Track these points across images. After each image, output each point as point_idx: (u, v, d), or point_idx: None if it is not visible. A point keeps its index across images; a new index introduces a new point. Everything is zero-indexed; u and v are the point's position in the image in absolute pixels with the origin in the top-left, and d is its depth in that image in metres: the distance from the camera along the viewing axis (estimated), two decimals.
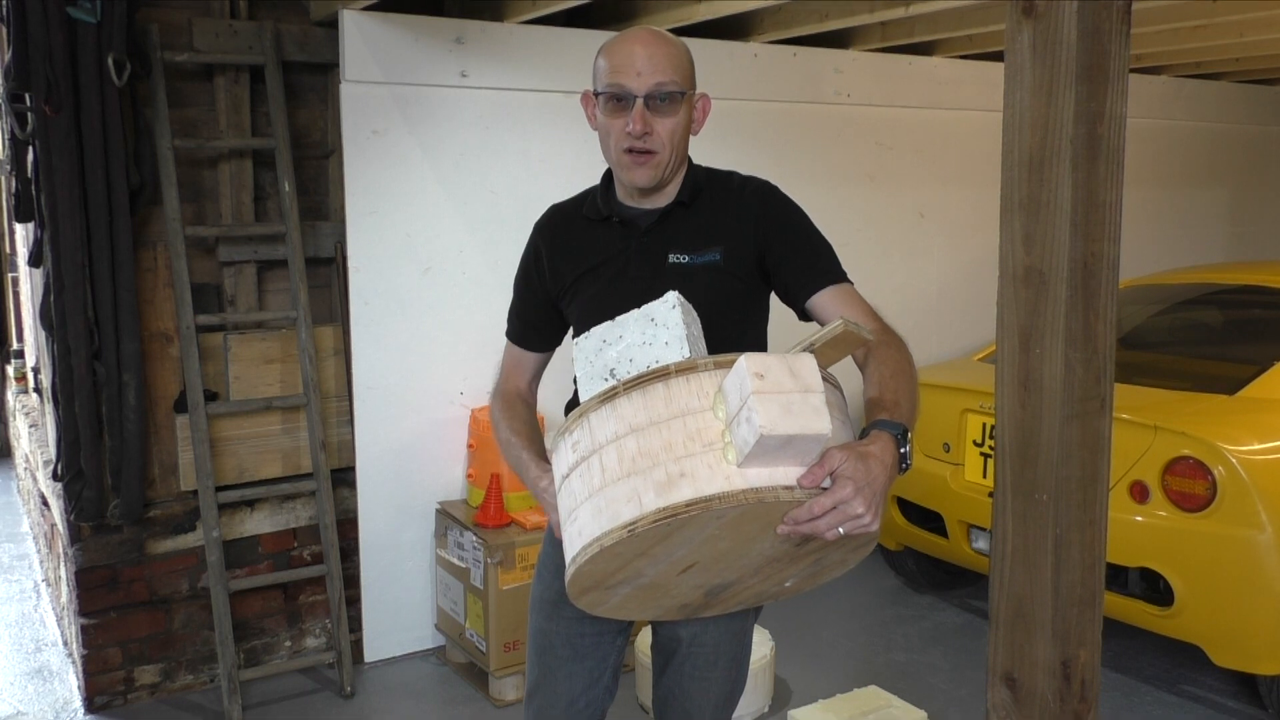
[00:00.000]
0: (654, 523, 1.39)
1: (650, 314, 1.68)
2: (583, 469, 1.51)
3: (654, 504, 1.40)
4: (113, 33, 3.19)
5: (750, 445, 1.37)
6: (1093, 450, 1.35)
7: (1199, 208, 6.39)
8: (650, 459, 1.44)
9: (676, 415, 1.46)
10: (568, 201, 2.08)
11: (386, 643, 3.89)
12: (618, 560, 1.47)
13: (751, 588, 1.65)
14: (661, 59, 1.83)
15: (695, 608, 1.69)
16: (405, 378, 3.81)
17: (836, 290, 1.87)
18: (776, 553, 1.53)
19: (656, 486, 1.41)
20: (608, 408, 1.50)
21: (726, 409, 1.43)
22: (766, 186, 1.98)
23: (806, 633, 4.11)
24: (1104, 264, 1.32)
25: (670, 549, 1.47)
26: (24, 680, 3.79)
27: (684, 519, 1.39)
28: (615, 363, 1.68)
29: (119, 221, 3.31)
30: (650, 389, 1.49)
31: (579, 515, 1.50)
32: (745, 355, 1.42)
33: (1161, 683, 3.70)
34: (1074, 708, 1.38)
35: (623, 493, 1.44)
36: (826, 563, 1.61)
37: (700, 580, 1.58)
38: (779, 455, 1.40)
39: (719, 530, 1.44)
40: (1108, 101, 1.29)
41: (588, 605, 1.63)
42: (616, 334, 1.70)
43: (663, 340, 1.66)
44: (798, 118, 4.58)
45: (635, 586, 1.56)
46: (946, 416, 3.96)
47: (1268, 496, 3.11)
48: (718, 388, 1.46)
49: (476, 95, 3.83)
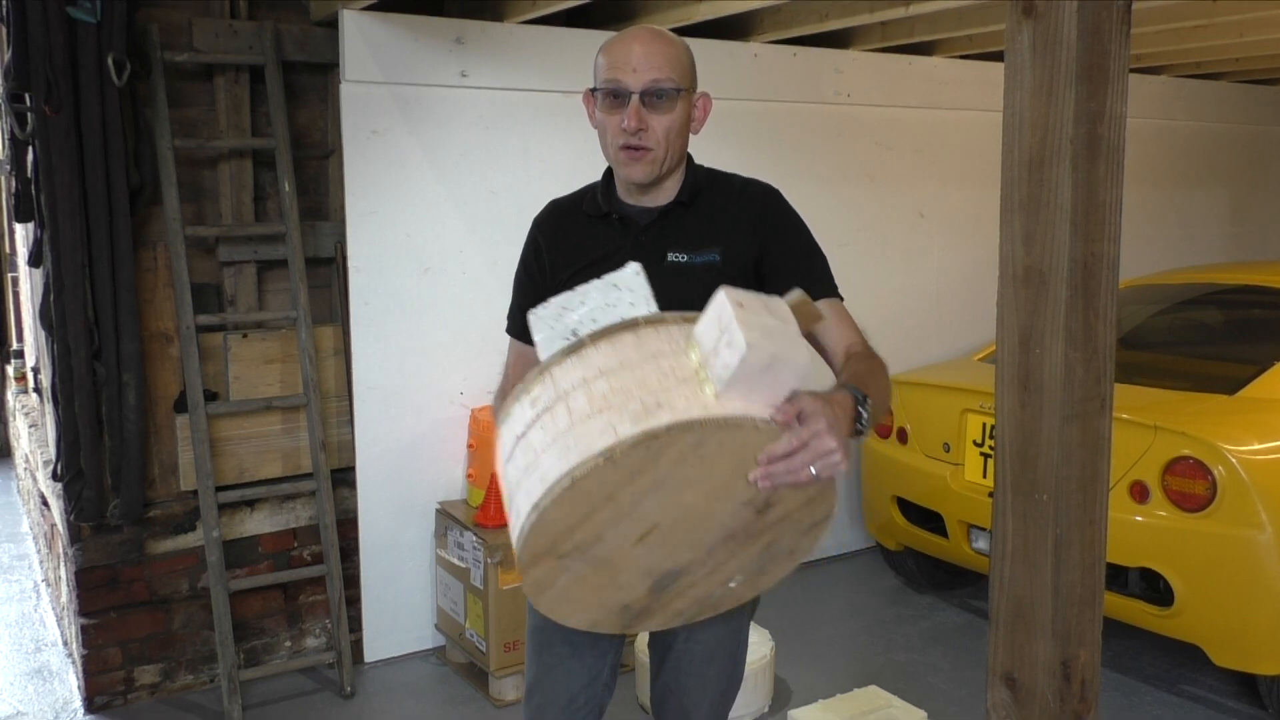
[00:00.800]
0: (633, 445, 1.35)
1: (613, 281, 1.67)
2: (544, 419, 1.46)
3: (631, 430, 1.36)
4: (113, 33, 3.19)
5: (734, 367, 1.38)
6: (1093, 450, 1.35)
7: (1199, 208, 6.39)
8: (624, 395, 1.41)
9: (648, 358, 1.46)
10: (567, 197, 2.08)
11: (386, 643, 3.89)
12: (584, 506, 1.41)
13: (697, 584, 1.59)
14: (658, 56, 1.83)
15: (636, 612, 1.62)
16: (405, 378, 3.81)
17: (827, 304, 1.88)
18: (734, 524, 1.50)
19: (633, 416, 1.38)
20: (573, 359, 1.47)
21: (701, 349, 1.45)
22: (770, 191, 1.98)
23: (806, 633, 4.11)
24: (1104, 264, 1.32)
25: (639, 494, 1.42)
26: (24, 680, 3.79)
27: (664, 443, 1.36)
28: (578, 324, 1.64)
29: (119, 221, 3.31)
30: (619, 338, 1.48)
31: (540, 464, 1.43)
32: (724, 287, 1.46)
33: (1161, 683, 3.70)
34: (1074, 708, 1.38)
35: (595, 427, 1.39)
36: (776, 551, 1.59)
37: (652, 560, 1.52)
38: (757, 384, 1.41)
39: (692, 471, 1.41)
40: (1108, 101, 1.29)
41: (534, 585, 1.53)
42: (578, 300, 1.67)
43: (627, 302, 1.65)
44: (798, 118, 4.58)
45: (586, 561, 1.50)
46: (946, 416, 3.96)
47: (1268, 496, 3.11)
48: (688, 337, 1.48)
49: (476, 95, 3.83)
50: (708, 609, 1.67)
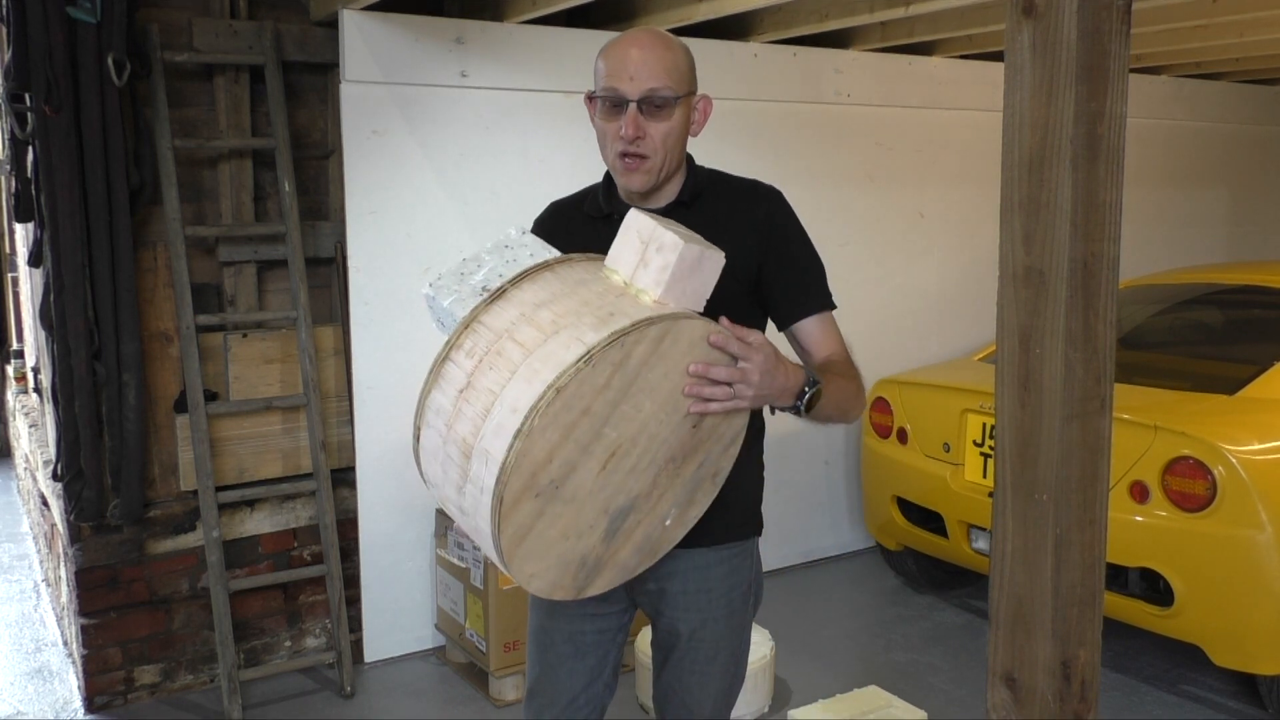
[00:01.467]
0: (607, 346, 1.47)
1: (504, 243, 1.78)
2: (490, 361, 1.54)
3: (597, 336, 1.48)
4: (113, 33, 3.19)
5: (672, 265, 1.55)
6: (1093, 450, 1.35)
7: (1199, 208, 6.39)
8: (574, 315, 1.53)
9: (577, 285, 1.59)
10: (568, 198, 2.09)
11: (386, 643, 3.89)
12: (564, 421, 1.49)
13: (641, 523, 1.69)
14: (655, 63, 1.83)
15: (590, 566, 1.68)
16: (405, 378, 3.80)
17: (819, 320, 1.96)
18: (675, 442, 1.63)
19: (592, 326, 1.50)
20: (500, 303, 1.58)
21: (622, 271, 1.62)
22: (774, 194, 1.99)
23: (806, 633, 4.11)
24: (1104, 264, 1.32)
25: (610, 404, 1.52)
26: (24, 680, 3.79)
27: (633, 339, 1.49)
28: (486, 281, 1.72)
29: (119, 221, 3.31)
30: (540, 277, 1.62)
31: (505, 398, 1.50)
32: (632, 210, 1.65)
33: (1161, 683, 3.70)
34: (1074, 708, 1.38)
35: (559, 344, 1.50)
36: (702, 474, 1.73)
37: (610, 491, 1.61)
38: (689, 281, 1.59)
39: (653, 376, 1.54)
40: (1108, 101, 1.29)
41: (514, 535, 1.54)
42: (474, 266, 1.76)
43: (527, 254, 1.74)
44: (798, 118, 4.58)
45: (560, 498, 1.56)
46: (946, 416, 3.96)
47: (1268, 496, 3.11)
48: (600, 267, 1.65)
49: (476, 95, 3.83)
50: (648, 556, 1.77)
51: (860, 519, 4.82)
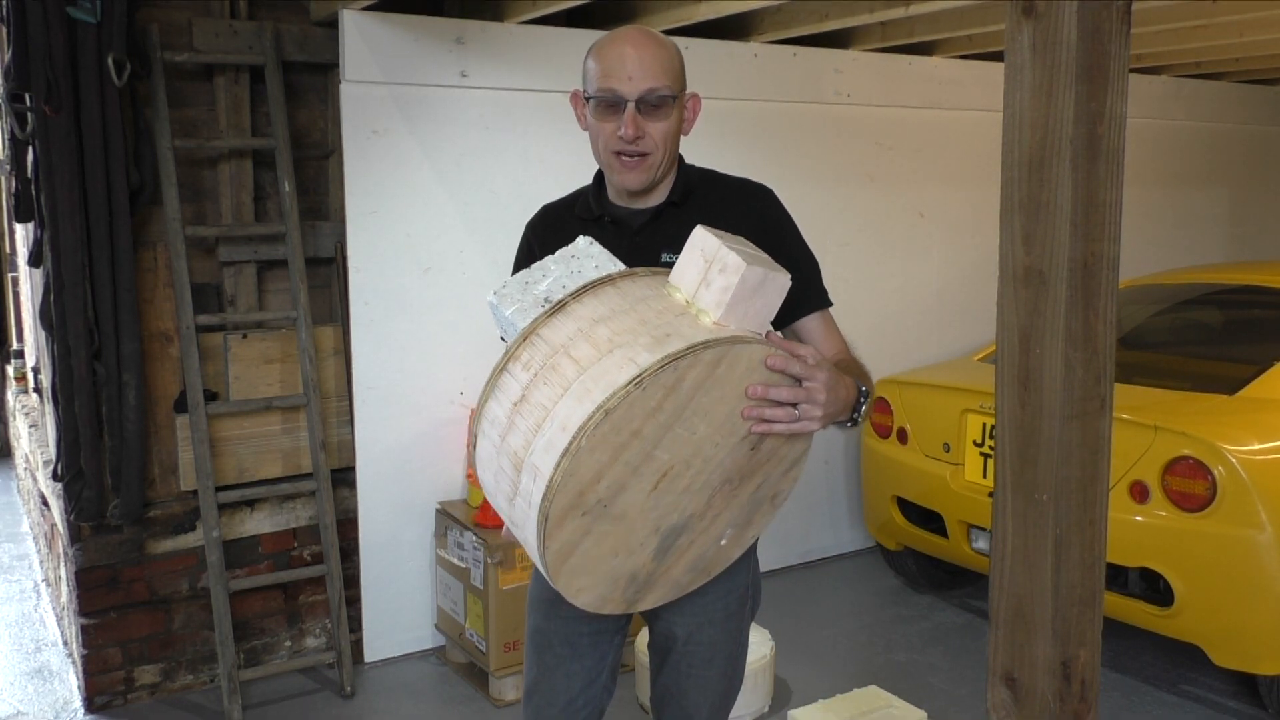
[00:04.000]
0: (660, 369, 1.43)
1: (570, 253, 1.74)
2: (545, 376, 1.51)
3: (652, 357, 1.44)
4: (113, 33, 3.19)
5: (733, 287, 1.49)
6: (1093, 450, 1.35)
7: (1199, 208, 6.39)
8: (630, 333, 1.49)
9: (637, 302, 1.54)
10: (559, 201, 2.09)
11: (386, 643, 3.89)
12: (614, 442, 1.47)
13: (695, 542, 1.67)
14: (652, 62, 1.83)
15: (641, 582, 1.67)
16: (405, 378, 3.81)
17: (819, 317, 1.95)
18: (732, 464, 1.60)
19: (647, 347, 1.46)
20: (560, 317, 1.54)
21: (684, 289, 1.56)
22: (765, 192, 1.98)
23: (806, 633, 4.11)
24: (1104, 264, 1.32)
25: (661, 427, 1.49)
26: (24, 680, 3.79)
27: (687, 363, 1.45)
28: (549, 292, 1.69)
29: (119, 221, 3.31)
30: (601, 291, 1.56)
31: (556, 415, 1.48)
32: (699, 226, 1.57)
33: (1161, 683, 3.70)
34: (1074, 708, 1.38)
35: (613, 363, 1.46)
36: (761, 496, 1.68)
37: (662, 510, 1.58)
38: (751, 304, 1.53)
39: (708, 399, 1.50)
40: (1108, 101, 1.29)
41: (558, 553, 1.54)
42: (539, 274, 1.72)
43: (592, 266, 1.70)
44: (798, 118, 4.58)
45: (609, 517, 1.54)
46: (946, 416, 3.96)
47: (1268, 496, 3.11)
48: (665, 283, 1.59)
49: (476, 95, 3.82)
50: (701, 574, 1.74)
51: (860, 519, 4.82)
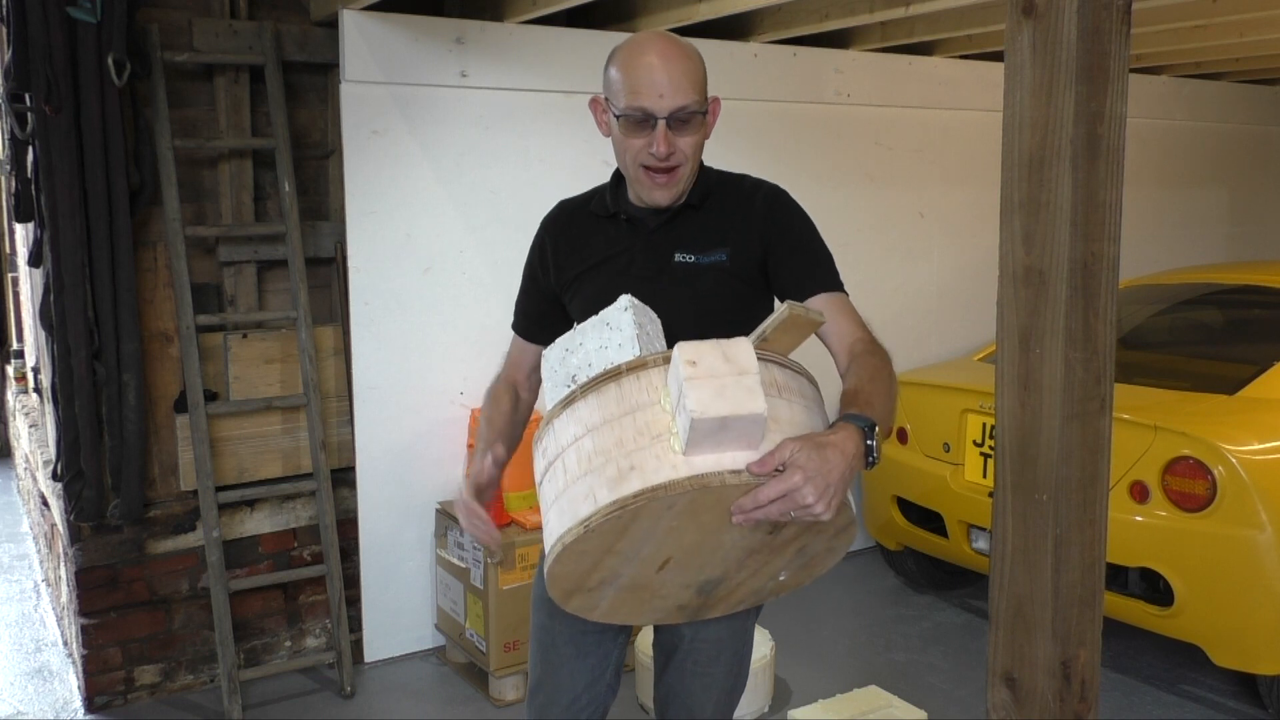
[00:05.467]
0: (605, 517, 1.42)
1: (605, 319, 1.72)
2: (551, 473, 1.55)
3: (606, 499, 1.43)
4: (113, 33, 3.19)
5: (687, 431, 1.40)
6: (1093, 450, 1.35)
7: (1199, 208, 6.39)
8: (604, 456, 1.47)
9: (628, 411, 1.49)
10: (576, 198, 2.09)
11: (386, 643, 3.89)
12: (586, 559, 1.49)
13: (744, 583, 1.64)
14: (681, 78, 1.79)
15: (694, 609, 1.69)
16: (405, 378, 3.81)
17: (829, 298, 1.86)
18: (752, 543, 1.54)
19: (609, 482, 1.44)
20: (567, 413, 1.54)
21: (671, 399, 1.47)
22: (776, 191, 1.98)
23: (806, 633, 4.11)
24: (1104, 264, 1.32)
25: (635, 544, 1.48)
26: (24, 680, 3.79)
27: (634, 509, 1.41)
28: (577, 369, 1.72)
29: (119, 221, 3.31)
30: (604, 390, 1.52)
31: (550, 518, 1.53)
32: (679, 345, 1.45)
33: (1161, 683, 3.70)
34: (1074, 708, 1.38)
35: (580, 491, 1.47)
36: (812, 552, 1.61)
37: (684, 578, 1.58)
38: (720, 439, 1.42)
39: (677, 521, 1.45)
40: (1108, 101, 1.29)
41: (579, 609, 1.64)
42: (577, 342, 1.74)
43: (616, 343, 1.69)
44: (798, 118, 4.58)
45: (617, 588, 1.57)
46: (946, 416, 3.96)
47: (1268, 496, 3.11)
48: (665, 382, 1.49)
49: (476, 95, 3.82)
50: (766, 595, 1.73)
51: (860, 519, 4.82)
